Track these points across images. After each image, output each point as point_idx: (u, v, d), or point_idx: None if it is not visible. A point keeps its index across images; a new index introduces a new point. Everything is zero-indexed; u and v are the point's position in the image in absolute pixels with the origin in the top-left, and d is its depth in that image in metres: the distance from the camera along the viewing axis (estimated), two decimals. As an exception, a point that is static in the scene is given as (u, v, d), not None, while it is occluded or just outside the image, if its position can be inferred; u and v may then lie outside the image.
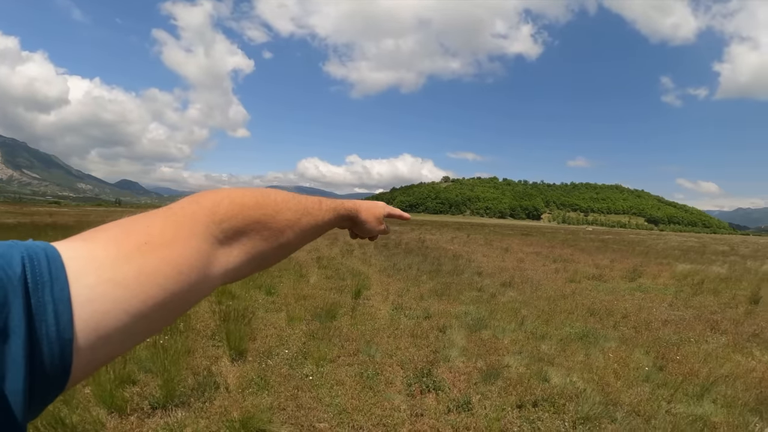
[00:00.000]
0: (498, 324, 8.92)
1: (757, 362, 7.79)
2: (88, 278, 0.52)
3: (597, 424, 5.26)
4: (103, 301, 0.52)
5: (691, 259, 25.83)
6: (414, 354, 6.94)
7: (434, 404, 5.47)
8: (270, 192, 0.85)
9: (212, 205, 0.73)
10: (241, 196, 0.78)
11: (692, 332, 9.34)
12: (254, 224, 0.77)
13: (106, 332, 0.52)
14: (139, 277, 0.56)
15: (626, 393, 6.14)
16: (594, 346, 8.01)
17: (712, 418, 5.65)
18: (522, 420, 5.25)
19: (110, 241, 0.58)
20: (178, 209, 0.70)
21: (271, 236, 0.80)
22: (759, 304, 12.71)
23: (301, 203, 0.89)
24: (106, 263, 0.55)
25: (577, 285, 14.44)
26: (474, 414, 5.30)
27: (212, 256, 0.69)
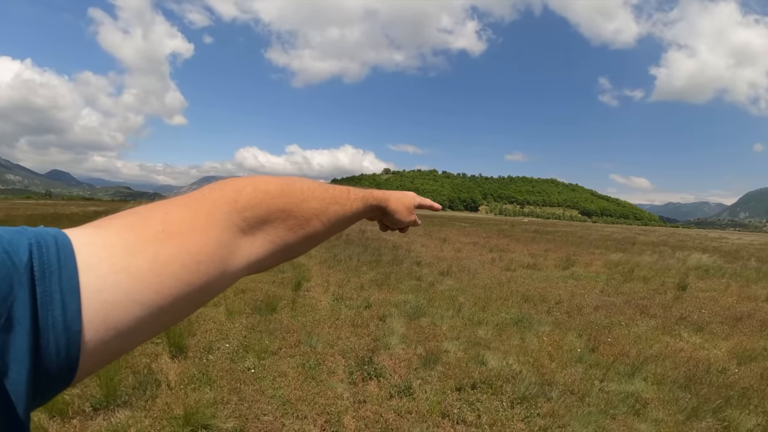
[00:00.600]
0: (436, 311, 9.08)
1: (685, 343, 8.27)
2: (99, 267, 0.50)
3: (533, 403, 5.49)
4: (114, 291, 0.50)
5: (622, 249, 26.96)
6: (355, 343, 6.98)
7: (376, 391, 5.55)
8: (296, 180, 0.82)
9: (234, 192, 0.70)
10: (265, 183, 0.75)
11: (623, 316, 9.85)
12: (279, 213, 0.74)
13: (116, 325, 0.50)
14: (154, 267, 0.54)
15: (560, 373, 6.41)
16: (529, 330, 8.29)
17: (643, 395, 5.98)
18: (462, 402, 5.41)
19: (125, 228, 0.56)
20: (198, 196, 0.68)
21: (297, 225, 0.78)
22: (686, 291, 13.44)
23: (328, 192, 0.86)
24: (119, 251, 0.52)
25: (512, 273, 14.85)
26: (415, 398, 5.42)
27: (233, 246, 0.66)
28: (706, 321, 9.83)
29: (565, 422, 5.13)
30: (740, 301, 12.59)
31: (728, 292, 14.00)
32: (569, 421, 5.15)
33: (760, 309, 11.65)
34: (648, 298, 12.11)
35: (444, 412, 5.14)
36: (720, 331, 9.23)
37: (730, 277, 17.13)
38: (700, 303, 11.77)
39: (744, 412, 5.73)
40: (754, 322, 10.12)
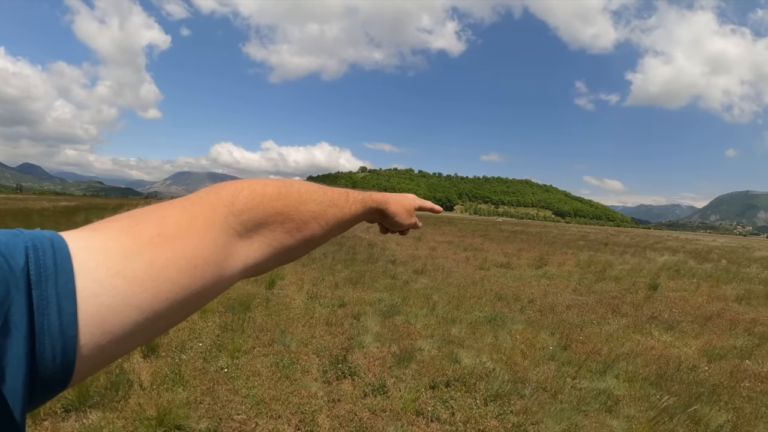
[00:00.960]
0: (411, 310, 9.10)
1: (656, 341, 8.41)
2: (96, 271, 0.49)
3: (507, 401, 5.52)
4: (111, 295, 0.49)
5: (594, 249, 27.29)
6: (329, 342, 6.95)
7: (350, 389, 5.54)
8: (294, 182, 0.82)
9: (231, 195, 0.69)
10: (262, 186, 0.74)
11: (594, 315, 9.98)
12: (276, 216, 0.74)
13: (112, 328, 0.50)
14: (150, 271, 0.53)
15: (533, 371, 6.46)
16: (502, 328, 8.34)
17: (615, 392, 6.07)
18: (436, 400, 5.42)
19: (121, 231, 0.55)
20: (195, 199, 0.67)
21: (295, 228, 0.77)
22: (657, 290, 13.66)
23: (326, 194, 0.86)
24: (116, 255, 0.52)
25: (486, 272, 14.93)
26: (389, 396, 5.42)
27: (230, 250, 0.66)
28: (677, 320, 10.02)
29: (538, 419, 5.17)
30: (710, 301, 12.85)
31: (699, 292, 14.27)
32: (542, 418, 5.19)
33: (729, 308, 11.91)
34: (619, 297, 12.30)
35: (418, 410, 5.15)
36: (690, 329, 9.41)
37: (701, 278, 17.46)
38: (670, 302, 11.99)
39: (714, 408, 5.86)
40: (724, 321, 10.34)
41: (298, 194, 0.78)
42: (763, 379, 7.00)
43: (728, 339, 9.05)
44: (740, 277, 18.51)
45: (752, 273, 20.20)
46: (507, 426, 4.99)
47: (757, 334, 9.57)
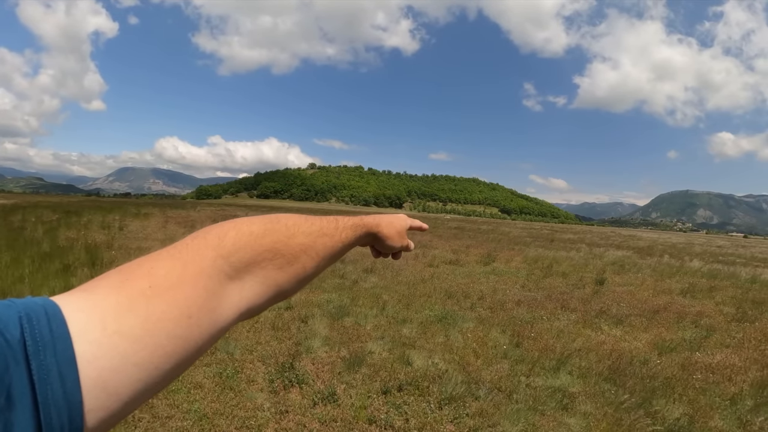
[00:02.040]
0: (360, 310, 8.94)
1: (606, 336, 8.52)
2: (92, 333, 0.49)
3: (462, 403, 5.43)
4: (110, 356, 0.49)
5: (541, 245, 27.81)
6: (275, 348, 6.70)
7: (299, 399, 5.32)
8: (280, 216, 0.81)
9: (218, 238, 0.69)
10: (248, 225, 0.74)
11: (544, 311, 10.06)
12: (265, 253, 0.72)
13: (116, 389, 0.49)
14: (146, 326, 0.53)
15: (487, 371, 6.40)
16: (453, 327, 8.30)
17: (570, 389, 6.07)
18: (388, 406, 5.27)
19: (112, 289, 0.55)
20: (182, 247, 0.66)
21: (286, 264, 0.76)
22: (604, 285, 13.94)
23: (315, 225, 0.85)
24: (111, 314, 0.51)
25: (435, 269, 14.95)
26: (340, 405, 5.23)
27: (223, 294, 0.65)
28: (625, 314, 10.22)
29: (494, 421, 5.09)
30: (656, 295, 13.21)
31: (644, 286, 14.66)
32: (499, 420, 5.11)
33: (675, 302, 12.25)
34: (567, 292, 12.49)
35: (370, 417, 4.99)
36: (639, 323, 9.59)
37: (646, 272, 18.00)
38: (617, 297, 12.24)
39: (669, 401, 5.94)
40: (671, 314, 10.61)
41: (285, 228, 0.78)
42: (714, 370, 7.16)
43: (677, 332, 9.26)
44: (683, 271, 19.16)
45: (695, 267, 20.97)
46: (463, 430, 4.89)
47: (704, 326, 9.85)
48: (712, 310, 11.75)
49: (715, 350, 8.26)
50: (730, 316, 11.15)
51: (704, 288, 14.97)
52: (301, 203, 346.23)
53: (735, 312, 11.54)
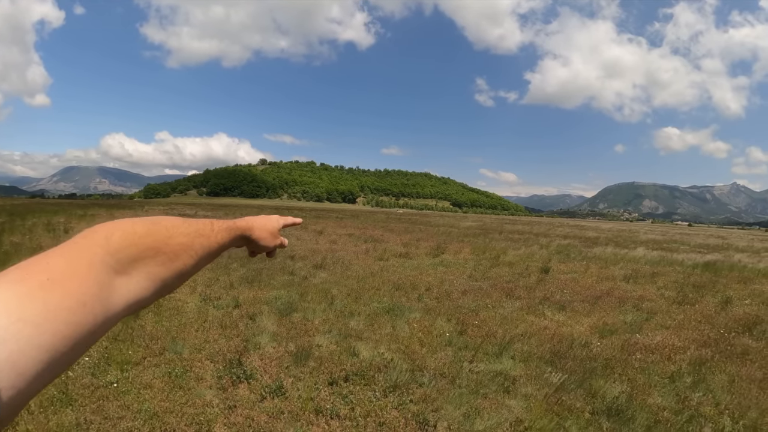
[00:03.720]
0: (309, 306, 8.96)
1: (549, 321, 8.78)
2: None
3: (406, 390, 5.54)
4: (16, 340, 0.52)
5: (489, 236, 28.28)
6: (224, 345, 6.68)
7: (247, 394, 5.34)
8: (161, 219, 0.87)
9: (104, 237, 0.74)
10: (131, 225, 0.80)
11: (489, 299, 10.30)
12: (148, 251, 0.79)
13: (24, 370, 0.52)
14: (46, 313, 0.57)
15: (431, 358, 6.53)
16: (400, 318, 8.40)
17: (511, 372, 6.26)
18: (335, 396, 5.35)
19: (13, 282, 0.58)
20: (72, 245, 0.70)
21: (167, 261, 0.82)
22: (549, 273, 14.30)
23: (192, 226, 0.91)
24: (14, 303, 0.55)
25: (385, 263, 15.06)
26: (288, 397, 5.28)
27: (112, 287, 0.70)
28: (568, 300, 10.56)
29: (438, 405, 5.23)
30: (599, 281, 13.68)
31: (588, 273, 15.14)
32: (442, 405, 5.25)
33: (617, 287, 12.71)
34: (513, 281, 12.81)
35: (317, 408, 5.06)
36: (581, 308, 9.92)
37: (590, 260, 18.54)
38: (562, 284, 12.62)
39: (609, 381, 6.21)
40: (613, 299, 11.00)
41: (165, 229, 0.84)
42: (653, 350, 7.48)
43: (618, 315, 9.62)
44: (627, 259, 19.80)
45: (638, 254, 21.66)
46: (407, 416, 5.00)
47: (645, 310, 10.26)
48: (653, 294, 12.24)
49: (655, 332, 8.63)
50: (672, 299, 11.66)
51: (647, 274, 15.55)
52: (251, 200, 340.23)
53: (676, 295, 12.06)
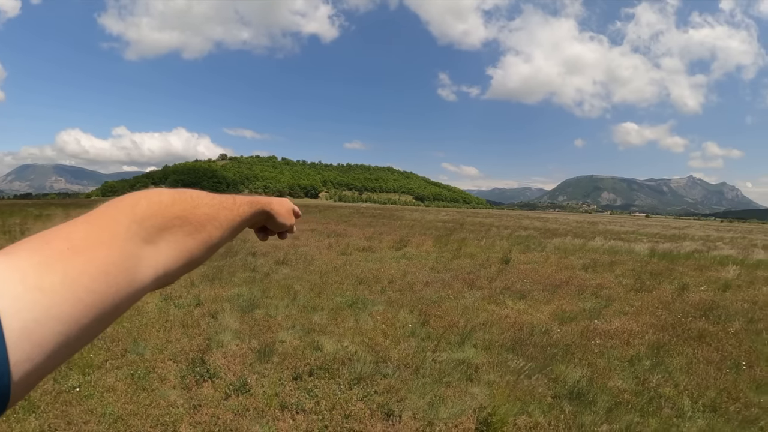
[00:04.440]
0: (271, 302, 8.93)
1: (510, 310, 8.95)
2: (14, 289, 0.50)
3: (370, 382, 5.59)
4: (32, 309, 0.50)
5: (452, 229, 28.50)
6: (186, 345, 6.60)
7: (211, 392, 5.30)
8: (185, 190, 0.84)
9: (130, 206, 0.71)
10: (158, 195, 0.76)
11: (451, 290, 10.45)
12: (175, 219, 0.76)
13: (40, 341, 0.50)
14: (65, 281, 0.54)
15: (395, 349, 6.60)
16: (363, 311, 8.45)
17: (474, 361, 6.37)
18: (300, 391, 5.37)
19: (33, 250, 0.56)
20: (98, 214, 0.68)
21: (194, 231, 0.80)
22: (510, 264, 14.53)
23: (215, 198, 0.89)
24: (31, 272, 0.52)
25: (348, 257, 15.08)
26: (252, 394, 5.27)
27: (138, 256, 0.67)
28: (528, 289, 10.78)
29: (402, 396, 5.29)
30: (559, 270, 13.97)
31: (548, 263, 15.44)
32: (406, 395, 5.31)
33: (576, 276, 13.01)
34: (475, 272, 12.99)
35: (282, 403, 5.06)
36: (541, 297, 10.14)
37: (550, 251, 18.89)
38: (522, 274, 12.86)
39: (569, 366, 6.38)
40: (572, 287, 11.26)
41: (191, 199, 0.82)
42: (612, 335, 7.70)
43: (577, 303, 9.86)
44: (586, 249, 20.24)
45: (597, 244, 22.16)
46: (372, 407, 5.05)
47: (603, 297, 10.54)
48: (612, 282, 12.56)
49: (613, 318, 8.88)
50: (629, 287, 12.00)
51: (605, 263, 15.93)
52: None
53: (634, 283, 12.42)
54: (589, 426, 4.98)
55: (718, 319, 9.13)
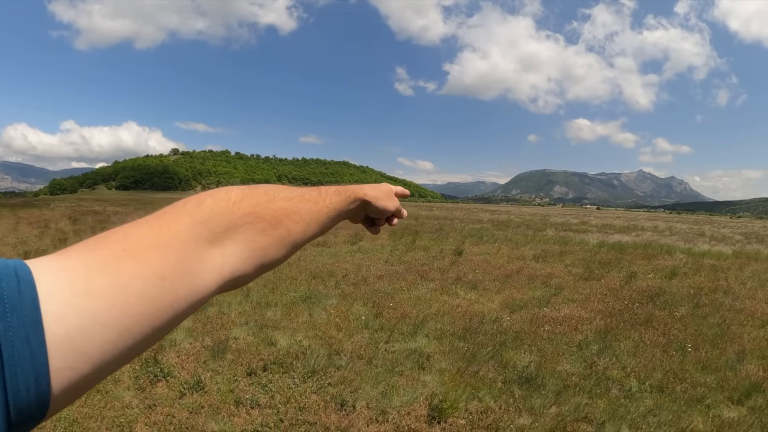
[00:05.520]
0: (224, 299, 8.86)
1: (461, 300, 9.13)
2: (61, 292, 0.48)
3: (324, 374, 5.66)
4: (77, 314, 0.48)
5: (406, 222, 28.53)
6: (139, 345, 6.55)
7: (166, 392, 5.26)
8: (259, 185, 0.79)
9: (194, 205, 0.67)
10: (225, 192, 0.72)
11: (405, 282, 10.60)
12: (245, 217, 0.70)
13: (84, 348, 0.48)
14: (116, 286, 0.51)
15: (348, 342, 6.69)
16: (317, 305, 8.49)
17: (426, 350, 6.52)
18: (254, 386, 5.39)
19: (85, 251, 0.54)
20: (159, 214, 0.65)
21: (269, 227, 0.73)
22: (462, 255, 14.74)
23: (296, 191, 0.83)
24: (80, 274, 0.50)
25: (302, 252, 15.01)
26: (207, 391, 5.26)
27: (201, 259, 0.63)
28: (480, 279, 11.00)
29: (356, 386, 5.38)
30: (510, 261, 14.27)
31: (500, 254, 15.74)
32: (360, 385, 5.40)
33: (527, 266, 13.31)
34: (428, 264, 13.19)
35: (237, 399, 5.08)
36: (493, 287, 10.37)
37: (502, 242, 19.26)
38: (474, 265, 13.11)
39: (519, 352, 6.59)
40: (522, 277, 11.53)
41: (264, 193, 0.76)
42: (560, 322, 7.96)
43: (527, 292, 10.11)
44: (537, 240, 20.69)
45: (549, 235, 22.66)
46: (326, 398, 5.11)
47: (552, 286, 10.84)
48: (561, 271, 12.91)
49: (562, 305, 9.15)
50: (579, 275, 12.36)
51: (556, 253, 16.33)
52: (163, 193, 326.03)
53: (583, 272, 12.79)
54: (539, 408, 5.16)
55: (664, 304, 9.52)
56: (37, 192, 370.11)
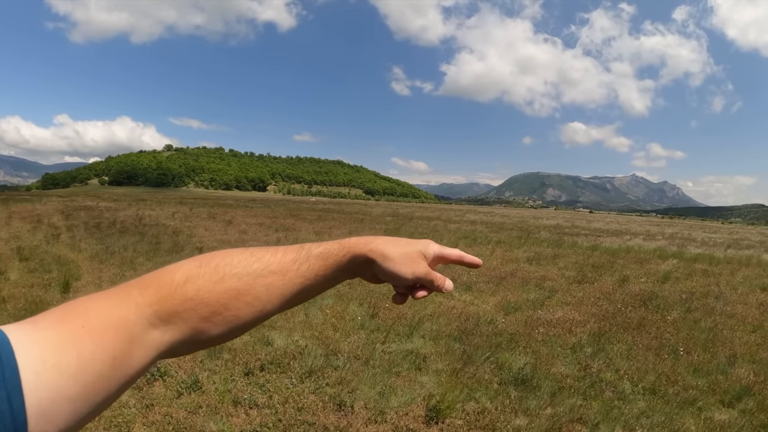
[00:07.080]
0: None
1: (456, 301, 9.17)
2: (34, 365, 0.53)
3: (322, 375, 5.68)
4: (48, 388, 0.53)
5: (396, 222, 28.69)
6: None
7: (163, 391, 5.25)
8: (215, 255, 0.75)
9: (144, 285, 0.69)
10: (172, 272, 0.71)
11: (399, 283, 10.45)
12: (187, 302, 0.69)
13: (53, 418, 0.53)
14: (79, 364, 0.56)
15: (345, 342, 6.72)
16: (313, 305, 8.48)
17: (422, 351, 6.56)
18: (252, 386, 5.39)
19: (54, 322, 0.59)
20: (116, 290, 0.69)
21: (212, 313, 0.70)
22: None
23: (259, 262, 0.75)
24: (50, 349, 0.55)
25: (298, 253, 15.01)
26: (205, 391, 5.25)
27: (145, 340, 0.66)
28: (474, 281, 11.05)
29: (353, 387, 5.40)
30: (504, 263, 14.33)
31: (494, 256, 15.80)
32: (358, 385, 5.43)
33: (521, 269, 13.37)
34: (422, 265, 13.05)
35: (235, 399, 5.08)
36: (487, 288, 10.42)
37: (496, 244, 19.25)
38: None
39: (514, 353, 6.65)
40: (517, 279, 11.59)
41: (213, 271, 0.72)
42: (555, 324, 8.03)
43: (522, 294, 10.17)
44: (531, 242, 20.76)
45: (542, 238, 22.76)
46: (324, 399, 5.14)
47: (546, 288, 10.90)
48: (555, 274, 12.98)
49: (556, 308, 9.22)
50: (572, 278, 12.44)
51: (549, 256, 16.41)
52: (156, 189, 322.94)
53: (576, 275, 12.87)
54: (534, 409, 5.22)
55: (657, 308, 9.60)
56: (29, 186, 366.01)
